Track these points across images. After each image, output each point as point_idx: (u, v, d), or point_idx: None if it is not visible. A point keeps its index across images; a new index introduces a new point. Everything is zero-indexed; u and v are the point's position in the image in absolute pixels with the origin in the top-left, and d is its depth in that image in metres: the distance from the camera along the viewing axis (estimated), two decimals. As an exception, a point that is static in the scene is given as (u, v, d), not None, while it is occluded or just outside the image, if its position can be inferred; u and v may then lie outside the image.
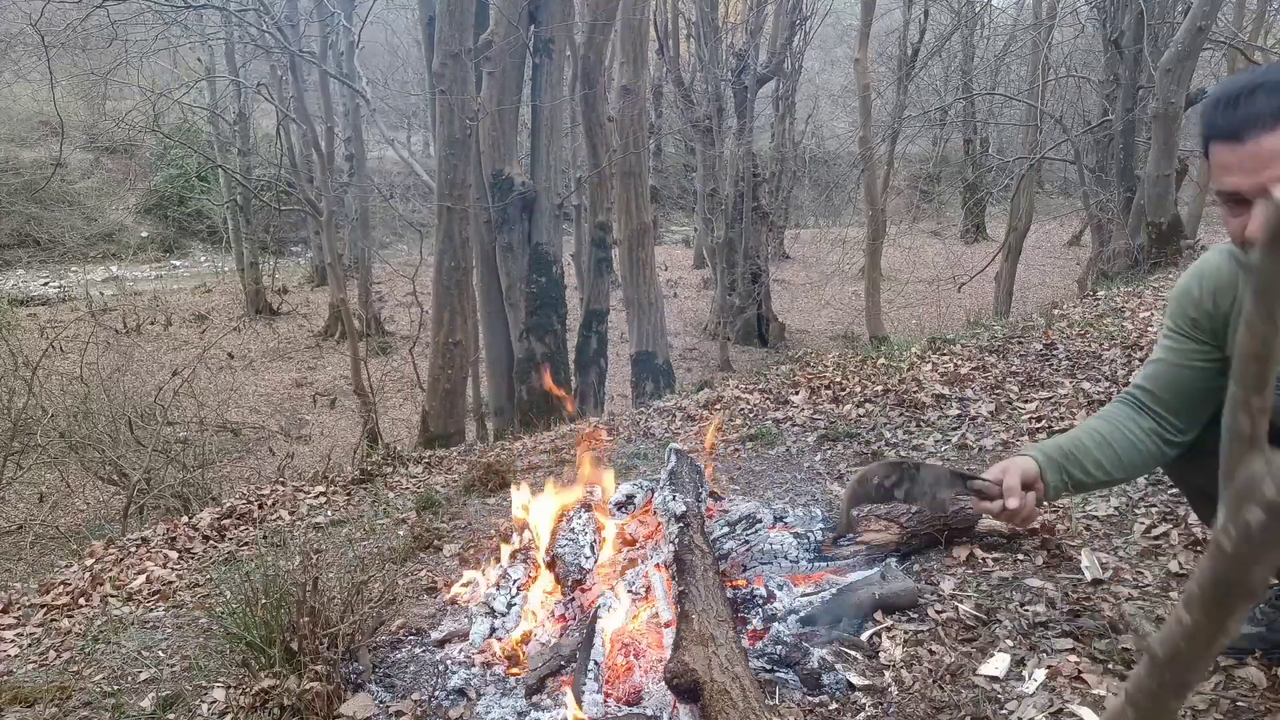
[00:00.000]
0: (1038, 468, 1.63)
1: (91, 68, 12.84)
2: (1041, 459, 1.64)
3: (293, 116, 12.40)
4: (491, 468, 3.94)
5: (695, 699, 1.70)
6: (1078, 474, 1.65)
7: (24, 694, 2.44)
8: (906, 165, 23.49)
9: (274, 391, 13.62)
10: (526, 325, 8.88)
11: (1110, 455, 1.64)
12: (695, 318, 17.12)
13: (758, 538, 2.47)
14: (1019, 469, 1.62)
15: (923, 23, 17.46)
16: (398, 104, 22.33)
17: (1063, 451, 1.64)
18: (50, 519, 7.47)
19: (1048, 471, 1.63)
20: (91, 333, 10.77)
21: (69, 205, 21.14)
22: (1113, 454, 1.64)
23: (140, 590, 3.31)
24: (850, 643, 2.05)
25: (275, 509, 4.16)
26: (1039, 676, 1.81)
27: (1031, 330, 5.01)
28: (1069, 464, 1.64)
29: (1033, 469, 1.62)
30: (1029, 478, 1.62)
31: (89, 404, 8.07)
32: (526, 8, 8.71)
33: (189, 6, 9.06)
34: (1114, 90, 9.87)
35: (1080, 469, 1.64)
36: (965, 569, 2.33)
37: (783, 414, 4.18)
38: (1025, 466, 1.63)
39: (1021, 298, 13.72)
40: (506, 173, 8.75)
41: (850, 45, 16.91)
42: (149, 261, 21.28)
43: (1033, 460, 1.63)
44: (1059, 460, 1.64)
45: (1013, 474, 1.61)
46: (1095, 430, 1.66)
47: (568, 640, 2.22)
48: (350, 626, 2.16)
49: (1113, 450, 1.63)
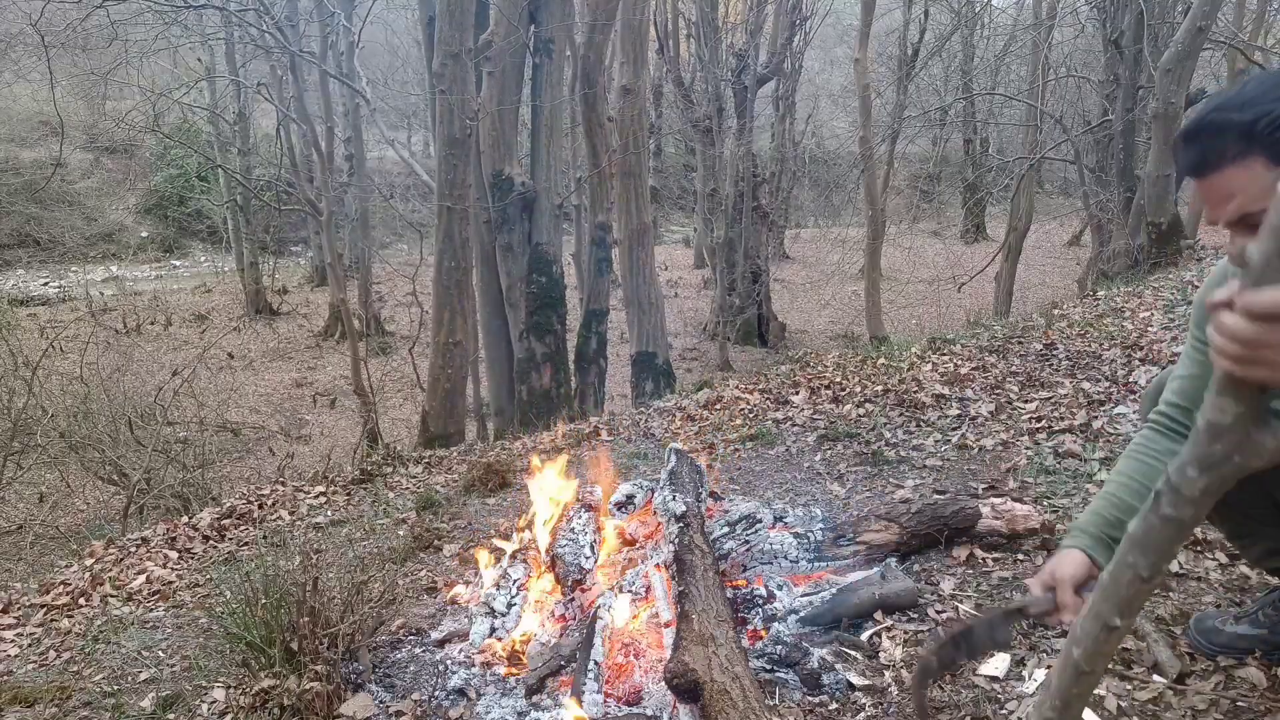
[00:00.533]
0: (1088, 559, 1.49)
1: (91, 68, 12.83)
2: (1088, 543, 1.51)
3: (293, 116, 12.39)
4: (491, 468, 3.94)
5: (695, 699, 1.70)
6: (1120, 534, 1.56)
7: (24, 694, 2.44)
8: (906, 165, 23.50)
9: (274, 391, 13.62)
10: (526, 325, 8.88)
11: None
12: (695, 318, 17.12)
13: (758, 538, 2.47)
14: (1070, 574, 1.47)
15: (923, 23, 17.45)
16: (398, 104, 22.33)
17: (1105, 521, 1.53)
18: (50, 519, 7.47)
19: (1099, 557, 1.50)
20: (91, 333, 10.77)
21: (69, 205, 21.14)
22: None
23: (140, 590, 3.31)
24: (850, 643, 2.05)
25: (275, 509, 4.15)
26: (1039, 676, 1.82)
27: (1031, 330, 5.01)
28: (1116, 532, 1.50)
29: (1083, 564, 1.49)
30: (1081, 577, 1.48)
31: (89, 404, 8.07)
32: (526, 8, 8.71)
33: (189, 6, 9.05)
34: (1114, 90, 9.86)
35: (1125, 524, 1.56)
36: (965, 569, 2.33)
37: (783, 414, 4.18)
38: (1075, 566, 1.48)
39: (1021, 298, 13.71)
40: (506, 173, 8.74)
41: (850, 45, 16.91)
42: (149, 261, 21.28)
43: (1080, 552, 1.50)
44: (1106, 536, 1.52)
45: (1065, 587, 1.46)
46: (1131, 478, 1.55)
47: (568, 640, 2.22)
48: (350, 626, 2.16)
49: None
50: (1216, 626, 1.83)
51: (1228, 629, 1.81)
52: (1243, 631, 1.79)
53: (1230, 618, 1.84)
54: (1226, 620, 1.83)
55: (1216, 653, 1.80)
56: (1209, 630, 1.83)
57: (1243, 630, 1.79)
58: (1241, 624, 1.81)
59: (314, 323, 16.97)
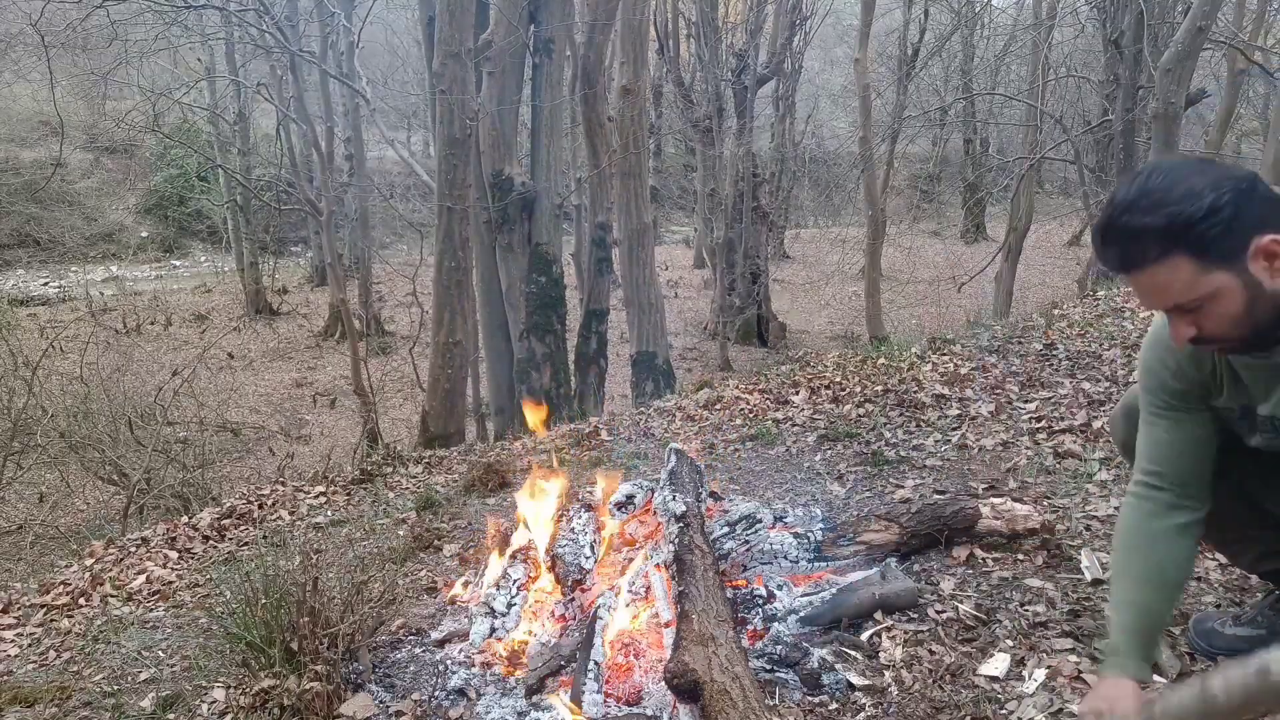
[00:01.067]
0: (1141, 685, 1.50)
1: (91, 68, 12.84)
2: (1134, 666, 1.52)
3: (293, 116, 12.39)
4: (491, 468, 3.94)
5: (695, 699, 1.70)
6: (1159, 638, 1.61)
7: (24, 694, 2.44)
8: (906, 165, 23.51)
9: (274, 391, 13.62)
10: (526, 325, 8.88)
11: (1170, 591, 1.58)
12: (695, 318, 17.12)
13: (758, 538, 2.47)
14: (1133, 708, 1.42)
15: (923, 23, 17.47)
16: (398, 104, 22.32)
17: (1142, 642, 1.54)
18: (50, 519, 7.47)
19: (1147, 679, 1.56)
20: (91, 333, 10.76)
21: (69, 205, 21.14)
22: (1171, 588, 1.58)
23: (140, 590, 3.31)
24: (850, 643, 2.05)
25: (275, 509, 4.15)
26: (1039, 676, 1.82)
27: (1031, 330, 5.01)
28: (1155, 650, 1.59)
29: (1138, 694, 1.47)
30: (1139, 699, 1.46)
31: (89, 404, 8.07)
32: (526, 8, 8.70)
33: (189, 6, 9.06)
34: (1114, 90, 9.86)
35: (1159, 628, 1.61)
36: (965, 569, 2.33)
37: (783, 414, 4.18)
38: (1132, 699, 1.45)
39: (1021, 298, 13.70)
40: (506, 173, 8.74)
41: (850, 45, 16.92)
42: (149, 261, 21.28)
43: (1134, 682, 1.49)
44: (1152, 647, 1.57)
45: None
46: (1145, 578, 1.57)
47: (568, 640, 2.22)
48: (350, 626, 2.16)
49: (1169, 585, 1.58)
50: (1216, 628, 1.83)
51: (1227, 630, 1.81)
52: (1242, 633, 1.79)
53: (1230, 619, 1.84)
54: (1226, 622, 1.83)
55: (1216, 654, 1.80)
56: (1208, 632, 1.83)
57: (1242, 632, 1.80)
58: (1241, 626, 1.81)
59: (314, 323, 16.97)
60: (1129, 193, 1.30)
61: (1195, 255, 1.25)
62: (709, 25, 14.31)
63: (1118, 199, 1.31)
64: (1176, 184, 1.25)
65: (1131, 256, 1.30)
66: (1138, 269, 1.30)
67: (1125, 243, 1.30)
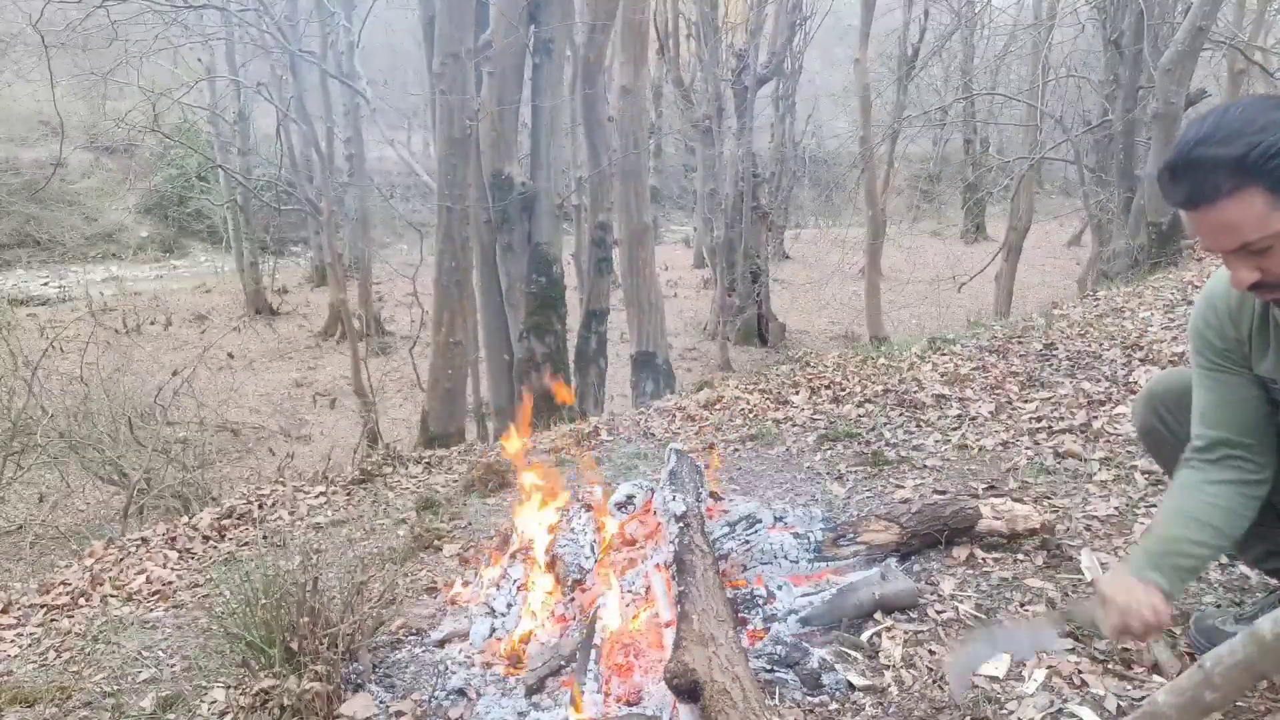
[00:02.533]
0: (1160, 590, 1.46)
1: (91, 68, 12.80)
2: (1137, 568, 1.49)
3: (293, 116, 12.40)
4: (491, 468, 3.94)
5: (695, 699, 1.70)
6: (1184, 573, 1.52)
7: (24, 694, 2.44)
8: (906, 165, 23.47)
9: (274, 391, 13.60)
10: (526, 325, 8.87)
11: (1207, 533, 1.50)
12: (695, 318, 17.11)
13: (758, 538, 2.47)
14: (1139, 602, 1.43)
15: (923, 23, 17.45)
16: (398, 104, 22.28)
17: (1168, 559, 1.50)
18: (50, 519, 7.46)
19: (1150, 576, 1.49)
20: (91, 333, 10.73)
21: (69, 205, 21.15)
22: (1207, 530, 1.50)
23: (140, 590, 3.31)
24: (850, 643, 2.05)
25: (275, 509, 4.15)
26: (1039, 676, 1.82)
27: (1031, 330, 5.01)
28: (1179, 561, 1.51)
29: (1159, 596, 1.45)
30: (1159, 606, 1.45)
31: (89, 404, 8.05)
32: (526, 8, 8.70)
33: (189, 6, 9.06)
34: (1114, 90, 9.86)
35: (1183, 557, 1.51)
36: (965, 569, 2.33)
37: (783, 414, 4.18)
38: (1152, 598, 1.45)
39: (1021, 298, 13.71)
40: (506, 173, 8.74)
41: (850, 45, 16.88)
42: (149, 261, 21.28)
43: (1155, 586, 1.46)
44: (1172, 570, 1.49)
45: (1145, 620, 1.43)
46: (1178, 513, 1.53)
47: (568, 640, 2.22)
48: (350, 626, 2.16)
49: (1205, 527, 1.50)
50: (1217, 626, 1.83)
51: (1228, 629, 1.81)
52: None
53: (1230, 618, 1.84)
54: (1227, 620, 1.83)
55: (1217, 653, 1.80)
56: (1209, 630, 1.83)
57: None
58: (1242, 624, 1.81)
59: (314, 323, 16.96)
60: (1204, 126, 1.25)
61: (1271, 189, 1.21)
62: (709, 25, 14.31)
63: (1190, 133, 1.27)
64: (1257, 116, 1.21)
65: (1203, 190, 1.24)
66: (1208, 203, 1.25)
67: (1197, 175, 1.24)
